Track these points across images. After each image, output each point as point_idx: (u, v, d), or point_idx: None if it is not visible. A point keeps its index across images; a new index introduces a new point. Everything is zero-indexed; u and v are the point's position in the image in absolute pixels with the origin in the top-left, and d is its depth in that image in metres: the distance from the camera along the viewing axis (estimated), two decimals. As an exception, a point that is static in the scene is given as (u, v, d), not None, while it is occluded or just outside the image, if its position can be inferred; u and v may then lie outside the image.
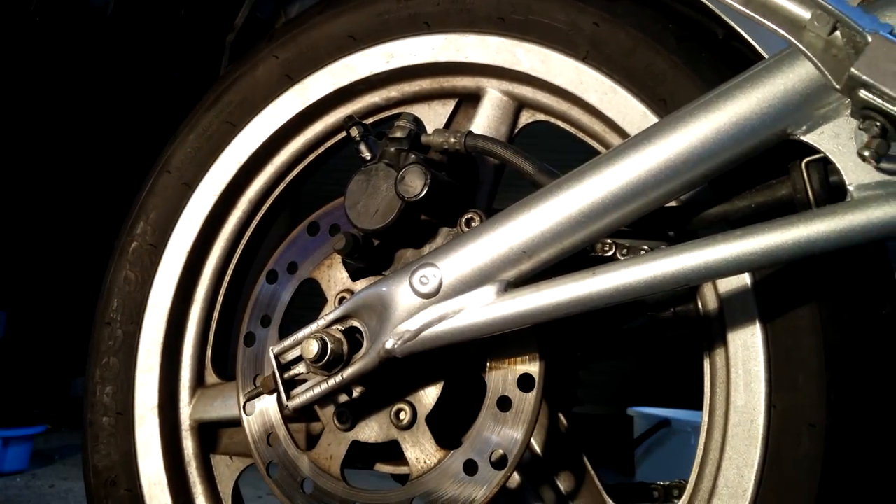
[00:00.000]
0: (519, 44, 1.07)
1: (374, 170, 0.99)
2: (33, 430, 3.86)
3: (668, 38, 0.95)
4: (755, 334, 0.85)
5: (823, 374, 0.80)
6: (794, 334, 0.83)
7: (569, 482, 1.03)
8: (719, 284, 0.90)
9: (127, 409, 1.25)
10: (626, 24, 0.97)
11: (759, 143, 0.78)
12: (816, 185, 0.78)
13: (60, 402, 5.17)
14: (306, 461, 1.03)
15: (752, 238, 0.74)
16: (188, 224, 1.28)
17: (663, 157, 0.79)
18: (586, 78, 1.01)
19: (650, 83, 0.95)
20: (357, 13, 1.19)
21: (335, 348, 0.90)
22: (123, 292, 1.28)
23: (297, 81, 1.23)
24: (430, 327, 0.88)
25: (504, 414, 0.92)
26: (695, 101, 0.79)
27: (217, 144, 1.27)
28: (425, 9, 1.13)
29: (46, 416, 4.60)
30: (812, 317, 0.83)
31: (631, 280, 0.78)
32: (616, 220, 0.82)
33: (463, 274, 0.87)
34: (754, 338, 0.85)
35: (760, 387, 0.83)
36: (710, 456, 0.89)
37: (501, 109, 1.12)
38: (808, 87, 0.75)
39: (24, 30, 4.11)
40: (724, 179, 0.83)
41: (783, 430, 0.82)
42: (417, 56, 1.15)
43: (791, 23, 0.74)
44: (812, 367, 0.81)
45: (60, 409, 5.08)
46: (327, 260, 1.10)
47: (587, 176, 0.83)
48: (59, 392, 5.24)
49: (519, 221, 0.86)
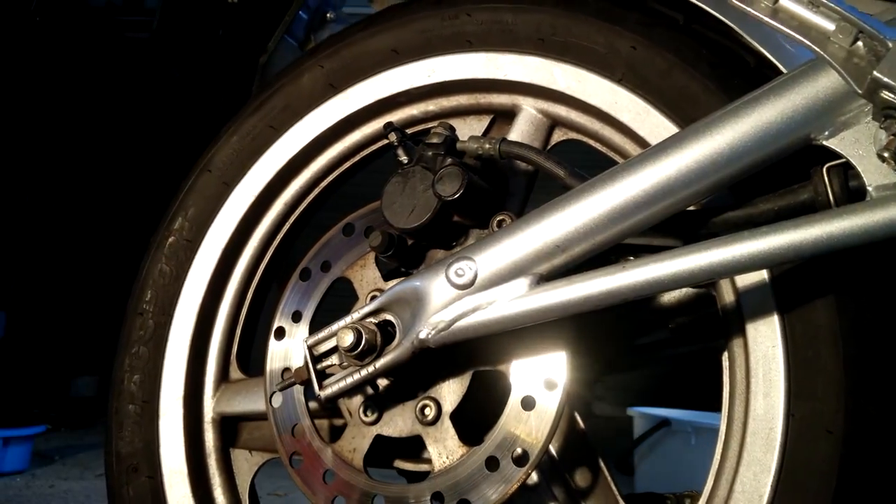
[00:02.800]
0: (556, 64, 1.12)
1: (412, 172, 1.04)
2: (33, 430, 3.88)
3: (702, 63, 1.00)
4: (776, 345, 0.88)
5: (842, 382, 0.83)
6: (814, 344, 0.86)
7: (583, 482, 1.05)
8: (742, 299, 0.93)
9: (153, 399, 1.28)
10: (662, 49, 1.02)
11: (783, 147, 0.83)
12: (837, 189, 0.82)
13: (60, 402, 5.18)
14: (329, 453, 1.06)
15: (777, 234, 0.78)
16: (224, 222, 1.32)
17: (693, 160, 0.84)
18: (621, 98, 1.05)
19: (683, 105, 1.00)
20: (402, 29, 1.24)
21: (369, 339, 0.94)
22: (158, 284, 1.32)
23: (339, 91, 1.28)
24: (464, 318, 0.92)
25: (527, 413, 0.95)
26: (724, 108, 0.85)
27: (258, 147, 1.32)
28: (468, 27, 1.19)
29: (46, 416, 4.61)
30: (832, 326, 0.86)
31: (659, 273, 0.83)
32: (646, 219, 0.87)
33: (498, 267, 0.91)
34: (775, 349, 0.88)
35: (779, 395, 0.86)
36: (726, 464, 0.92)
37: (535, 126, 1.17)
38: (831, 95, 0.80)
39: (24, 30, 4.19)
40: (748, 184, 0.88)
41: (801, 437, 0.84)
42: (458, 72, 1.20)
43: (816, 34, 0.80)
44: (831, 375, 0.84)
45: (60, 409, 5.08)
46: (360, 260, 1.13)
47: (620, 176, 0.87)
48: (59, 392, 5.24)
49: (554, 217, 0.90)
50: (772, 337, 0.88)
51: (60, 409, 5.06)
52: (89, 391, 5.30)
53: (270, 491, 3.21)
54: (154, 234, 1.36)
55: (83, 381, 5.32)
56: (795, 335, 0.87)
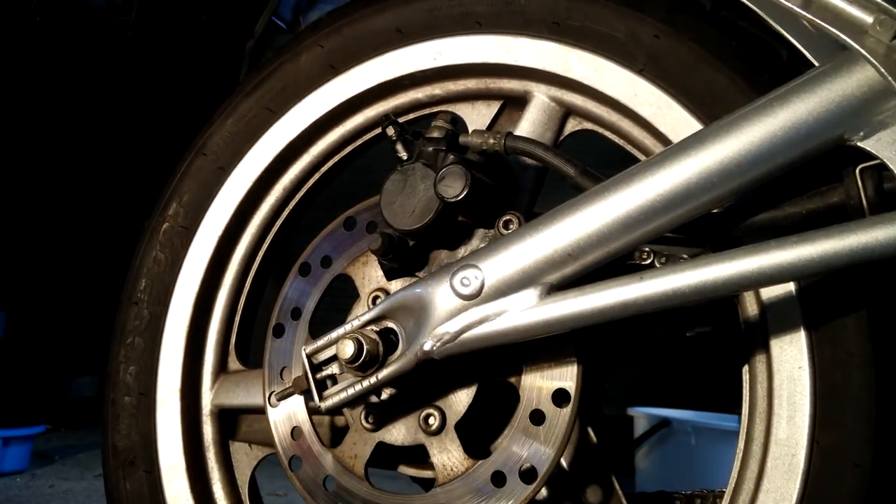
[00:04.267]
0: (572, 50, 1.04)
1: (412, 169, 0.98)
2: (33, 430, 3.89)
3: (730, 55, 0.93)
4: (802, 367, 0.83)
5: (873, 413, 0.79)
6: (845, 369, 0.81)
7: (595, 498, 1.02)
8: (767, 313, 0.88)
9: (149, 391, 1.24)
10: (687, 39, 0.95)
11: (814, 147, 0.77)
12: (871, 192, 0.77)
13: (60, 402, 5.20)
14: (330, 458, 1.03)
15: (806, 245, 0.73)
16: (221, 208, 1.26)
17: (715, 160, 0.78)
18: (641, 90, 0.99)
19: (709, 101, 0.93)
20: (407, 7, 1.17)
21: (371, 349, 0.89)
22: (152, 273, 1.27)
23: (340, 72, 1.21)
24: (470, 329, 0.87)
25: (536, 428, 0.91)
26: (749, 105, 0.79)
27: (255, 130, 1.26)
28: (477, 8, 1.11)
29: (46, 416, 4.63)
30: (864, 352, 0.81)
31: (679, 284, 0.77)
32: (665, 224, 0.81)
33: (506, 276, 0.86)
34: (801, 371, 0.83)
35: (804, 421, 0.82)
36: (743, 486, 0.88)
37: (548, 115, 1.10)
38: (867, 92, 0.75)
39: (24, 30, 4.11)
40: (774, 185, 0.82)
41: (826, 468, 0.80)
42: (466, 55, 1.13)
43: (852, 28, 0.74)
44: (861, 404, 0.80)
45: (60, 409, 5.11)
46: (362, 257, 1.08)
47: (637, 178, 0.82)
48: (59, 392, 5.26)
49: (565, 223, 0.84)
50: (798, 358, 0.83)
51: (60, 409, 5.10)
52: (89, 391, 5.33)
53: (270, 491, 3.23)
54: (148, 220, 1.31)
55: (83, 381, 5.34)
56: (824, 357, 0.82)
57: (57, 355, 5.21)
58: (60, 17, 4.01)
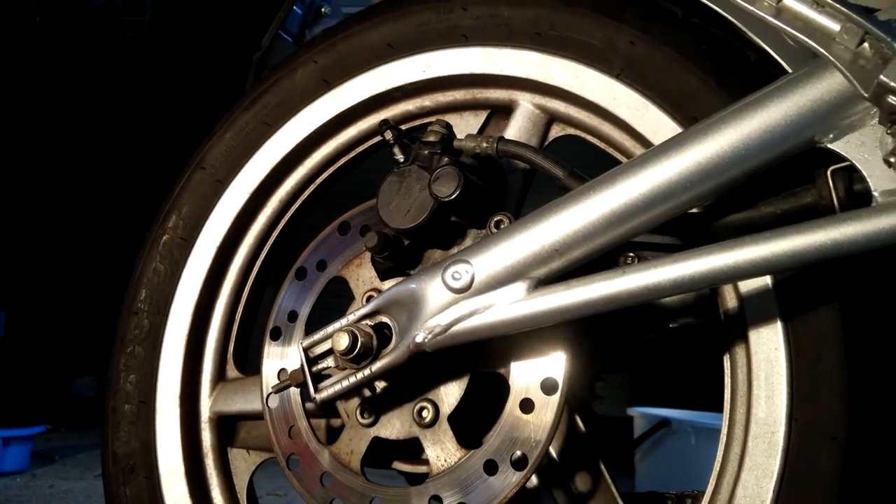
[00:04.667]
0: (554, 59, 1.10)
1: (407, 171, 1.02)
2: (33, 430, 3.87)
3: (701, 58, 0.98)
4: (778, 348, 0.87)
5: (846, 388, 0.82)
6: (818, 347, 0.85)
7: (584, 485, 1.04)
8: (745, 301, 0.92)
9: (149, 398, 1.27)
10: (661, 44, 1.00)
11: (787, 150, 0.81)
12: (842, 193, 0.81)
13: (60, 402, 5.17)
14: (327, 455, 1.05)
15: (780, 240, 0.77)
16: (219, 220, 1.30)
17: (694, 162, 0.82)
18: (619, 94, 1.04)
19: (682, 101, 0.98)
20: (397, 23, 1.22)
21: (365, 342, 0.93)
22: (152, 283, 1.31)
23: (334, 86, 1.26)
24: (460, 322, 0.90)
25: (526, 416, 0.94)
26: (726, 109, 0.83)
27: (252, 144, 1.30)
28: (464, 21, 1.17)
29: (46, 416, 4.61)
30: (836, 330, 0.85)
31: (660, 279, 0.81)
32: (646, 222, 0.85)
33: (495, 270, 0.90)
34: (777, 352, 0.87)
35: (782, 399, 0.85)
36: (728, 467, 0.91)
37: (533, 122, 1.15)
38: (836, 97, 0.79)
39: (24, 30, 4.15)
40: (750, 187, 0.86)
41: (804, 442, 0.84)
42: (453, 67, 1.18)
43: (821, 35, 0.78)
44: (835, 379, 0.83)
45: (60, 409, 5.08)
46: (356, 259, 1.12)
47: (620, 178, 0.86)
48: (59, 392, 5.24)
49: (552, 220, 0.88)
50: (774, 339, 0.87)
51: (60, 409, 5.06)
52: (89, 391, 5.31)
53: (270, 491, 3.22)
54: (148, 231, 1.35)
55: (83, 381, 5.32)
56: (798, 338, 0.86)
57: (57, 355, 5.18)
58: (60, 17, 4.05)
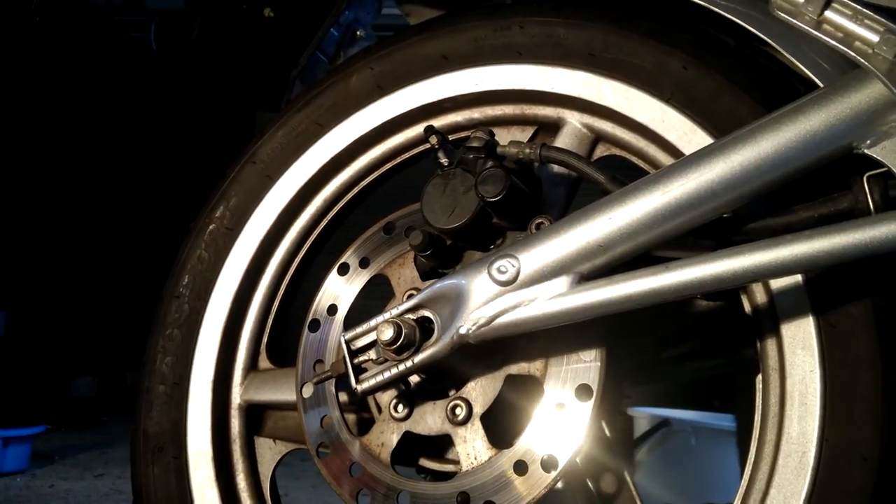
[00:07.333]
0: (605, 80, 1.13)
1: (452, 174, 1.06)
2: (33, 430, 3.90)
3: (752, 86, 1.02)
4: (814, 370, 0.89)
5: (880, 409, 0.84)
6: (853, 370, 0.87)
7: (608, 489, 1.05)
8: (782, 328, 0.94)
9: (183, 381, 1.30)
10: (713, 70, 1.04)
11: (826, 154, 0.85)
12: (877, 198, 0.85)
13: (60, 402, 5.20)
14: (357, 447, 1.07)
15: (818, 239, 0.81)
16: (265, 213, 1.34)
17: (736, 164, 0.86)
18: (669, 117, 1.07)
19: (731, 128, 1.01)
20: (453, 37, 1.27)
21: (409, 333, 0.95)
22: (196, 270, 1.35)
23: (387, 93, 1.30)
24: (504, 314, 0.93)
25: (558, 420, 0.96)
26: (767, 116, 0.87)
27: (303, 143, 1.35)
28: (519, 39, 1.21)
29: (46, 416, 4.63)
30: (871, 353, 0.87)
31: (701, 274, 0.84)
32: (688, 221, 0.89)
33: (540, 265, 0.93)
34: (813, 374, 0.89)
35: (815, 420, 0.87)
36: (755, 486, 0.92)
37: (579, 140, 1.19)
38: (873, 105, 0.83)
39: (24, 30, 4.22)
40: (788, 192, 0.90)
41: (834, 463, 0.85)
42: (506, 82, 1.22)
43: (860, 46, 0.83)
44: (869, 402, 0.85)
45: (60, 409, 5.11)
46: (399, 258, 1.15)
47: (664, 179, 0.90)
48: (59, 392, 5.27)
49: (598, 218, 0.92)
50: (810, 362, 0.89)
51: (60, 409, 5.09)
52: (89, 391, 5.34)
53: None
54: (194, 220, 1.39)
55: (83, 381, 5.35)
56: (834, 361, 0.88)
57: (57, 355, 5.20)
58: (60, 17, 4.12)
